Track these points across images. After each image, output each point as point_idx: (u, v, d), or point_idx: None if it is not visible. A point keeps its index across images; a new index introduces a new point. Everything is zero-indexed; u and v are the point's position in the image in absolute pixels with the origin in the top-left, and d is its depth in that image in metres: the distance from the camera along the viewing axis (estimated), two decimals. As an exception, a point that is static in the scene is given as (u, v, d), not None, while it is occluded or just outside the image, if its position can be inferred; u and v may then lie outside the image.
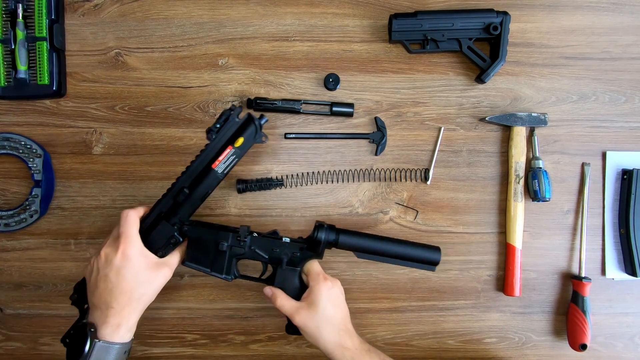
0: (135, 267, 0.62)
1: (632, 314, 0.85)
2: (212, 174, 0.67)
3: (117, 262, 0.61)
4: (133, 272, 0.62)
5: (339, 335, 0.66)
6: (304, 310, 0.66)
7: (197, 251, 0.70)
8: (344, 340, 0.66)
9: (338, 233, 0.71)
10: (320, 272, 0.70)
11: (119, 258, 0.62)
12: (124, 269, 0.61)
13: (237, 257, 0.71)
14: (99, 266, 0.63)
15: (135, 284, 0.62)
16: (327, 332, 0.66)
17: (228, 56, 0.83)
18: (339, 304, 0.68)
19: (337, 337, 0.66)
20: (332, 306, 0.67)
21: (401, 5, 0.83)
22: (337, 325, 0.66)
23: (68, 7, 0.82)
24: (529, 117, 0.81)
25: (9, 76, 0.78)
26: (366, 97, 0.83)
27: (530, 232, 0.84)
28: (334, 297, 0.67)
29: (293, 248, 0.71)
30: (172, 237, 0.69)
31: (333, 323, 0.66)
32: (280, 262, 0.71)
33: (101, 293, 0.62)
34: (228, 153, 0.67)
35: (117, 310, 0.61)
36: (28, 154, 0.80)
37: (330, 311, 0.66)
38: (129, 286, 0.62)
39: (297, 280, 0.72)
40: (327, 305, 0.66)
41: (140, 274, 0.63)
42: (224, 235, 0.70)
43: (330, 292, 0.67)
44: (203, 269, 0.71)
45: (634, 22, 0.84)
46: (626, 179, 0.83)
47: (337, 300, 0.68)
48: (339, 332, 0.66)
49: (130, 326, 0.63)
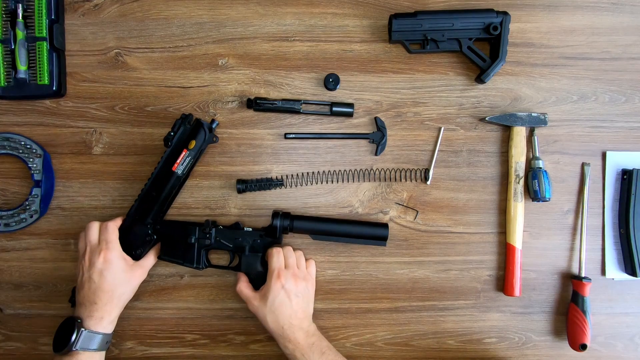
0: (115, 270, 0.72)
1: (632, 314, 0.85)
2: (173, 176, 0.76)
3: (99, 266, 0.71)
4: (113, 274, 0.72)
5: (282, 329, 0.73)
6: (256, 301, 0.75)
7: (170, 246, 0.79)
8: (287, 334, 0.73)
9: (292, 219, 0.79)
10: (275, 269, 0.76)
11: (100, 262, 0.71)
12: (105, 271, 0.71)
13: (206, 248, 0.79)
14: (83, 269, 0.72)
15: (115, 284, 0.72)
16: (273, 325, 0.73)
17: (228, 56, 0.83)
18: (287, 302, 0.74)
19: (280, 331, 0.73)
20: (279, 304, 0.73)
21: (401, 5, 0.83)
22: (282, 320, 0.73)
23: (68, 7, 0.82)
24: (529, 117, 0.81)
25: (9, 76, 0.78)
26: (366, 97, 0.83)
27: (530, 232, 0.84)
28: (281, 297, 0.73)
29: (254, 236, 0.79)
30: (147, 235, 0.77)
31: (278, 318, 0.73)
32: (243, 250, 0.79)
33: (86, 292, 0.71)
34: (184, 155, 0.76)
35: (100, 306, 0.70)
36: (28, 154, 0.80)
37: (277, 308, 0.73)
38: (110, 286, 0.71)
39: (260, 265, 0.79)
40: (275, 302, 0.73)
41: (119, 275, 0.72)
42: (191, 229, 0.79)
43: (280, 292, 0.74)
44: (176, 261, 0.79)
45: (634, 22, 0.84)
46: (626, 179, 0.83)
47: (285, 299, 0.74)
48: (283, 326, 0.73)
49: (112, 319, 0.72)
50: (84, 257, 0.73)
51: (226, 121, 0.82)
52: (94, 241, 0.74)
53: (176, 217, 0.82)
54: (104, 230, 0.74)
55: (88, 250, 0.73)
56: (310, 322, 0.77)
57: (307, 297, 0.77)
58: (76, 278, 0.74)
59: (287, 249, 0.79)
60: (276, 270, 0.75)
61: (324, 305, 0.84)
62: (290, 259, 0.78)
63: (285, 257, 0.78)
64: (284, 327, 0.73)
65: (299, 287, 0.75)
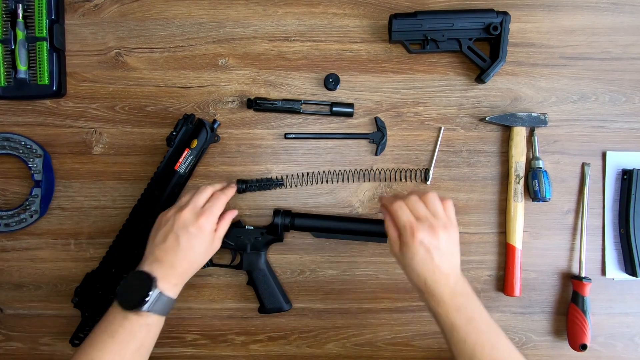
0: (204, 242, 0.67)
1: (632, 314, 0.85)
2: (176, 175, 0.77)
3: (192, 231, 0.66)
4: (201, 245, 0.67)
5: (424, 285, 0.63)
6: (397, 249, 0.65)
7: None
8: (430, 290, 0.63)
9: (293, 217, 0.79)
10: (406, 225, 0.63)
11: (195, 228, 0.66)
12: (195, 239, 0.66)
13: None
14: (174, 224, 0.66)
15: (198, 255, 0.68)
16: (414, 278, 0.64)
17: (228, 56, 0.83)
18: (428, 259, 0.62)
19: (423, 286, 0.63)
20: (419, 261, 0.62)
21: (401, 5, 0.83)
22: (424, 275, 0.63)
23: (68, 7, 0.82)
24: (529, 117, 0.81)
25: (9, 76, 0.78)
26: (366, 97, 0.83)
27: (530, 232, 0.84)
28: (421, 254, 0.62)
29: (255, 234, 0.79)
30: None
31: (419, 273, 0.63)
32: (245, 248, 0.78)
33: (168, 249, 0.66)
34: (186, 154, 0.77)
35: (179, 272, 0.66)
36: (28, 154, 0.80)
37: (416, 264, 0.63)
38: (194, 256, 0.67)
39: (263, 263, 0.80)
40: (414, 259, 0.63)
41: (204, 247, 0.68)
42: None
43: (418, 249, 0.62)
44: None
45: (634, 22, 0.84)
46: (626, 179, 0.83)
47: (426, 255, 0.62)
48: (425, 281, 0.63)
49: (180, 287, 0.68)
50: (181, 212, 0.67)
51: (226, 121, 0.82)
52: (198, 203, 0.69)
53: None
54: (214, 199, 0.70)
55: (189, 208, 0.67)
56: (457, 277, 0.64)
57: (450, 247, 0.64)
58: (77, 277, 0.72)
59: (411, 199, 0.66)
60: (408, 227, 0.63)
61: (324, 305, 0.84)
62: (421, 209, 0.65)
63: (412, 209, 0.65)
64: (426, 282, 0.63)
65: (441, 239, 0.63)
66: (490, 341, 0.61)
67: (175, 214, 0.67)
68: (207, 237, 0.68)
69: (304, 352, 0.84)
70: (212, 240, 0.69)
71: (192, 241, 0.66)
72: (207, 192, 0.71)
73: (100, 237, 0.82)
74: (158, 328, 0.65)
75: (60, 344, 0.83)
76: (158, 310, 0.63)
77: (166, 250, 0.66)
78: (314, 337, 0.84)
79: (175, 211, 0.68)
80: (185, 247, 0.66)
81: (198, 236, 0.66)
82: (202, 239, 0.67)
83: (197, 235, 0.66)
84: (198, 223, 0.66)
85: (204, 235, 0.67)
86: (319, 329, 0.84)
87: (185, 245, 0.66)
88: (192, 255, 0.67)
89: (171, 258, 0.65)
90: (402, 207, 0.65)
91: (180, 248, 0.65)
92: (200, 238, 0.67)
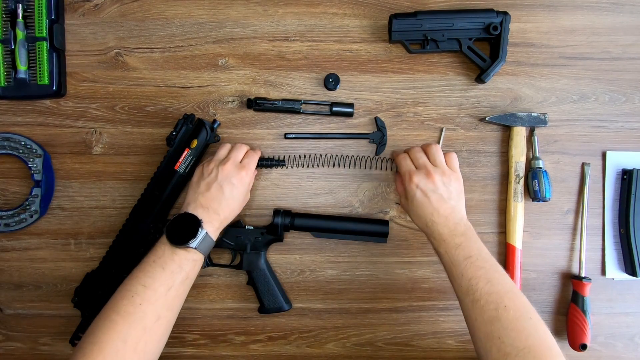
0: (243, 191, 0.74)
1: (632, 314, 0.85)
2: (175, 174, 0.77)
3: (234, 182, 0.72)
4: (240, 194, 0.73)
5: (425, 226, 0.70)
6: (403, 199, 0.74)
7: None
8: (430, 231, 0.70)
9: (293, 217, 0.79)
10: (405, 172, 0.72)
11: (237, 179, 0.72)
12: (236, 189, 0.72)
13: None
14: (218, 175, 0.72)
15: (238, 203, 0.74)
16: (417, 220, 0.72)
17: (228, 56, 0.83)
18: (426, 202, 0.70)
19: (425, 228, 0.71)
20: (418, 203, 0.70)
21: (401, 5, 0.83)
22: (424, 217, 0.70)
23: (68, 7, 0.82)
24: (529, 117, 0.81)
25: (9, 76, 0.78)
26: (366, 97, 0.83)
27: (530, 232, 0.84)
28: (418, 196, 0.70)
29: (255, 234, 0.80)
30: (150, 234, 0.78)
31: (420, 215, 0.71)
32: (245, 248, 0.79)
33: (212, 197, 0.71)
34: (186, 154, 0.77)
35: (221, 218, 0.71)
36: (28, 154, 0.80)
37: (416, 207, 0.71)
38: (235, 204, 0.73)
39: (263, 263, 0.80)
40: (413, 202, 0.71)
41: (243, 197, 0.75)
42: None
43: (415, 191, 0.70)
44: None
45: (634, 22, 0.84)
46: (626, 179, 0.83)
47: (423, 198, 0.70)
48: (426, 223, 0.70)
49: (220, 231, 0.74)
50: (224, 165, 0.72)
51: (226, 121, 0.83)
52: (238, 158, 0.74)
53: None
54: (250, 155, 0.76)
55: (231, 162, 0.73)
56: (458, 220, 0.70)
57: (448, 192, 0.70)
58: (77, 277, 0.73)
59: (413, 150, 0.74)
60: (407, 174, 0.71)
61: (324, 305, 0.84)
62: (421, 159, 0.72)
63: (413, 158, 0.73)
64: (427, 224, 0.70)
65: (437, 184, 0.69)
66: (486, 276, 0.64)
67: (218, 166, 0.72)
68: (245, 189, 0.74)
69: (304, 352, 0.84)
70: (247, 192, 0.76)
71: (234, 191, 0.72)
72: (244, 149, 0.76)
73: (100, 237, 0.82)
74: (200, 264, 0.70)
75: (60, 344, 0.83)
76: (202, 249, 0.68)
77: (211, 198, 0.71)
78: (314, 337, 0.84)
79: (218, 164, 0.73)
80: (228, 196, 0.71)
81: (239, 187, 0.72)
82: (242, 190, 0.73)
83: (238, 186, 0.72)
84: (240, 175, 0.72)
85: (244, 187, 0.73)
86: (319, 329, 0.84)
87: (229, 195, 0.71)
88: (233, 204, 0.72)
89: (215, 205, 0.71)
90: (404, 158, 0.73)
91: (224, 197, 0.71)
92: (240, 189, 0.73)
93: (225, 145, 0.77)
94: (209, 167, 0.73)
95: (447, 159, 0.72)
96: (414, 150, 0.73)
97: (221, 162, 0.73)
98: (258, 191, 0.83)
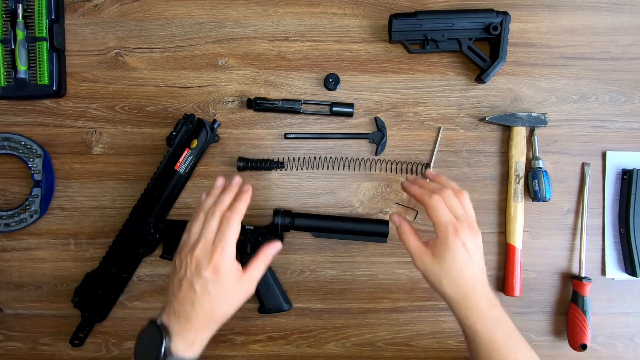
0: (224, 285, 0.57)
1: (632, 314, 0.85)
2: (175, 174, 0.78)
3: (206, 275, 0.56)
4: (220, 290, 0.57)
5: (464, 298, 0.58)
6: (428, 257, 0.59)
7: (172, 245, 0.78)
8: (469, 303, 0.58)
9: (293, 217, 0.79)
10: (447, 222, 0.58)
11: (209, 271, 0.56)
12: (211, 284, 0.56)
13: None
14: (186, 270, 0.57)
15: (219, 303, 0.57)
16: (451, 290, 0.58)
17: (228, 56, 0.83)
18: (469, 263, 0.57)
19: (462, 299, 0.58)
20: (461, 266, 0.57)
21: (401, 5, 0.83)
22: (464, 285, 0.58)
23: (68, 7, 0.82)
24: (529, 117, 0.81)
25: (9, 76, 0.78)
26: (366, 97, 0.83)
27: (530, 232, 0.84)
28: (463, 257, 0.57)
29: (255, 234, 0.79)
30: (150, 234, 0.78)
31: (460, 283, 0.58)
32: (245, 248, 0.78)
33: (184, 299, 0.57)
34: (186, 154, 0.77)
35: (195, 327, 0.57)
36: (28, 154, 0.80)
37: (458, 271, 0.57)
38: (213, 306, 0.57)
39: None
40: (455, 264, 0.57)
41: (226, 293, 0.57)
42: None
43: (460, 251, 0.57)
44: None
45: (634, 22, 0.84)
46: (626, 179, 0.83)
47: (467, 260, 0.57)
48: (465, 294, 0.58)
49: (203, 343, 0.59)
50: (193, 251, 0.57)
51: (226, 121, 0.82)
52: (211, 234, 0.58)
53: (177, 217, 0.82)
54: (224, 223, 0.58)
55: (201, 244, 0.57)
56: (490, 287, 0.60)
57: (482, 252, 0.60)
58: (77, 277, 0.72)
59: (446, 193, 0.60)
60: (450, 225, 0.57)
61: (324, 305, 0.84)
62: (457, 207, 0.60)
63: (450, 206, 0.59)
64: (466, 295, 0.57)
65: (477, 242, 0.58)
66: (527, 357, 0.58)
67: (187, 255, 0.58)
68: (227, 280, 0.57)
69: (304, 352, 0.84)
70: (237, 282, 0.58)
71: (209, 287, 0.56)
72: (216, 216, 0.60)
73: (100, 237, 0.82)
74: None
75: (60, 344, 0.83)
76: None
77: (181, 300, 0.56)
78: (314, 337, 0.84)
79: (187, 251, 0.58)
80: (200, 295, 0.56)
81: (215, 280, 0.56)
82: (221, 282, 0.56)
83: (213, 279, 0.56)
84: (212, 263, 0.56)
85: (223, 277, 0.56)
86: (319, 329, 0.84)
87: (201, 293, 0.56)
88: (210, 305, 0.56)
89: (187, 309, 0.56)
90: (440, 203, 0.59)
91: (196, 297, 0.56)
92: (218, 282, 0.56)
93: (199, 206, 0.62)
94: (180, 256, 0.59)
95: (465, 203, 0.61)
96: (447, 195, 0.60)
97: (191, 247, 0.58)
98: (258, 191, 0.83)
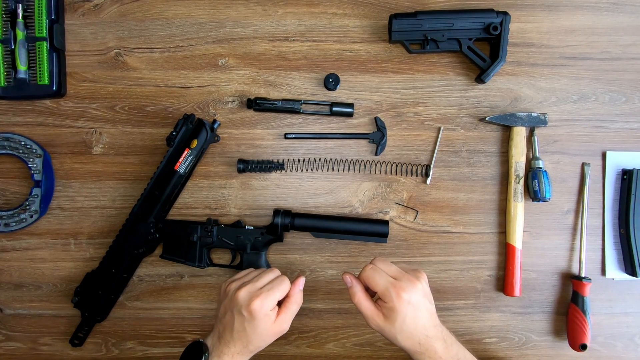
0: (258, 327, 0.62)
1: (632, 314, 0.85)
2: (175, 174, 0.78)
3: (244, 314, 0.62)
4: (254, 329, 0.62)
5: (419, 345, 0.61)
6: (380, 319, 0.62)
7: (172, 245, 0.80)
8: (424, 349, 0.61)
9: (293, 217, 0.79)
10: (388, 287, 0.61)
11: (247, 312, 0.62)
12: (247, 322, 0.62)
13: (208, 247, 0.80)
14: (230, 302, 0.64)
15: (253, 339, 0.63)
16: (406, 343, 0.62)
17: (228, 56, 0.83)
18: (418, 315, 0.61)
19: (417, 347, 0.61)
20: (410, 321, 0.60)
21: (401, 5, 0.83)
22: (417, 336, 0.61)
23: (68, 7, 0.82)
24: (529, 117, 0.81)
25: (9, 76, 0.78)
26: (366, 97, 0.83)
27: (530, 232, 0.84)
28: (411, 314, 0.60)
29: (255, 234, 0.79)
30: (150, 234, 0.79)
31: (412, 335, 0.61)
32: (245, 248, 0.79)
33: (226, 325, 0.64)
34: (186, 154, 0.77)
35: (232, 353, 0.63)
36: (28, 154, 0.80)
37: (408, 326, 0.60)
38: (248, 338, 0.63)
39: (263, 263, 0.80)
40: (405, 321, 0.60)
41: (260, 332, 0.63)
42: (194, 227, 0.79)
43: (407, 309, 0.60)
44: (179, 260, 0.80)
45: (634, 22, 0.84)
46: (626, 179, 0.83)
47: (414, 314, 0.60)
48: (419, 342, 0.61)
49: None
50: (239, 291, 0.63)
51: (226, 121, 0.82)
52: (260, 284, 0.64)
53: (177, 217, 0.82)
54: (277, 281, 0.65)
55: (246, 288, 0.63)
56: (441, 326, 0.64)
57: (429, 296, 0.63)
58: (77, 277, 0.72)
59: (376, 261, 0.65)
60: (391, 289, 0.60)
61: (324, 305, 0.84)
62: (391, 268, 0.63)
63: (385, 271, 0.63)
64: (420, 343, 0.61)
65: (422, 291, 0.62)
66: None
67: (234, 290, 0.64)
68: (261, 323, 0.62)
69: (304, 352, 0.84)
70: (271, 324, 0.63)
71: (245, 324, 0.62)
72: (274, 273, 0.67)
73: (100, 237, 0.82)
74: None
75: (60, 344, 0.83)
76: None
77: (224, 326, 0.64)
78: (314, 337, 0.84)
79: (236, 286, 0.65)
80: (238, 328, 0.62)
81: (250, 321, 0.62)
82: (256, 325, 0.62)
83: (249, 319, 0.62)
84: (250, 307, 0.61)
85: (257, 320, 0.62)
86: (319, 329, 0.84)
87: (239, 327, 0.62)
88: (246, 338, 0.63)
89: (227, 336, 0.63)
90: (375, 270, 0.63)
91: (234, 328, 0.63)
92: (252, 323, 0.62)
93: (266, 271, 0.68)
94: (228, 286, 0.66)
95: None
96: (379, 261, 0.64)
97: (241, 285, 0.65)
98: (258, 191, 0.83)
